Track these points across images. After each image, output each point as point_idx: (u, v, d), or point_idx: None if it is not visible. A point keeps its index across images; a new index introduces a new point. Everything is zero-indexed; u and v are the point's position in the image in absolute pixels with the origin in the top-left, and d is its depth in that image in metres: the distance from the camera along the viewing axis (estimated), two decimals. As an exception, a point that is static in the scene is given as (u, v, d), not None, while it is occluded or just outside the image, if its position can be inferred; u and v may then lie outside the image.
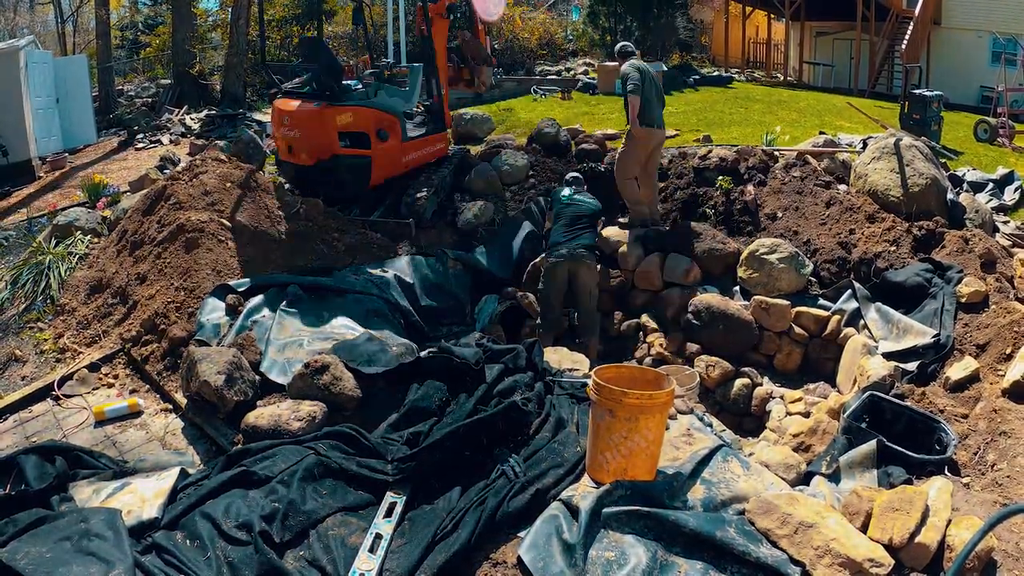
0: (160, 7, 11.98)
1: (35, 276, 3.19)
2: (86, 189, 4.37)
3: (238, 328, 2.63)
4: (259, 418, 2.10)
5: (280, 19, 9.40)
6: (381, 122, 3.61)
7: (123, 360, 2.67)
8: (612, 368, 1.97)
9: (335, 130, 3.43)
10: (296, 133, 3.51)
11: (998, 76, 7.32)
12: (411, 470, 1.85)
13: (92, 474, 1.93)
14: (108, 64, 8.07)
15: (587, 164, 4.23)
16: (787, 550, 1.62)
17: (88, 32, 11.36)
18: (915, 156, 3.68)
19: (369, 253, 3.45)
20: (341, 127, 3.44)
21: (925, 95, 5.32)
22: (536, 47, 10.75)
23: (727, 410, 3.15)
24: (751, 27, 12.26)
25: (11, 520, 1.65)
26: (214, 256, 2.96)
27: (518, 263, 3.71)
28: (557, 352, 2.76)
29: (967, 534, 1.61)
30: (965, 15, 9.11)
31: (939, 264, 3.11)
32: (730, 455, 1.99)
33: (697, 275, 3.60)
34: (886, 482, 1.99)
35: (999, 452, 2.07)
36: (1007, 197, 4.22)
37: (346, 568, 1.58)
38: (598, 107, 6.85)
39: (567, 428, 2.09)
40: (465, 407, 2.08)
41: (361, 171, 3.57)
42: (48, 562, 1.51)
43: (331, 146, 3.46)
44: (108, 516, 1.64)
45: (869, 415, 2.34)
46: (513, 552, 1.68)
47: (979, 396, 2.37)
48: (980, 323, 2.69)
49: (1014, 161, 5.11)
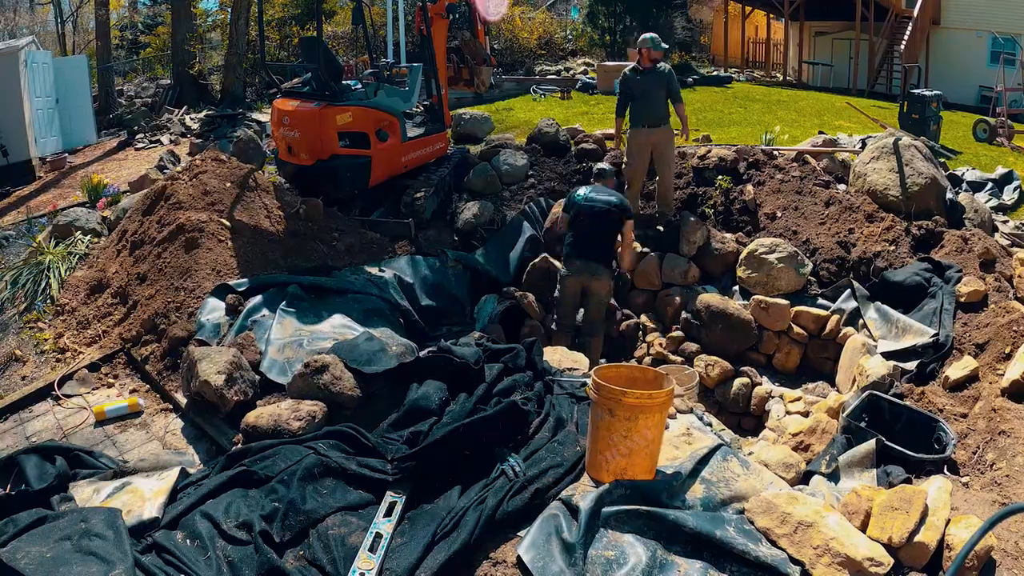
0: (159, 7, 11.98)
1: (35, 276, 3.20)
2: (86, 189, 4.37)
3: (238, 328, 2.63)
4: (259, 418, 2.10)
5: (279, 19, 9.41)
6: (380, 122, 3.62)
7: (123, 360, 2.67)
8: (612, 367, 1.97)
9: (335, 130, 3.44)
10: (296, 133, 3.51)
11: (997, 76, 7.34)
12: (411, 469, 1.85)
13: (92, 474, 1.94)
14: (108, 64, 8.07)
15: (587, 163, 4.24)
16: (786, 549, 1.62)
17: (88, 32, 11.36)
18: (914, 156, 3.69)
19: (369, 253, 3.45)
20: (340, 127, 3.44)
21: (924, 95, 5.33)
22: (535, 47, 10.76)
23: (726, 410, 3.16)
24: (750, 27, 12.26)
25: (11, 520, 1.65)
26: (214, 256, 2.97)
27: (519, 264, 3.72)
28: (557, 352, 2.76)
29: (966, 533, 1.61)
30: (964, 15, 9.12)
31: (938, 263, 3.11)
32: (729, 454, 1.99)
33: (696, 275, 3.61)
34: (885, 481, 1.99)
35: (998, 451, 2.08)
36: (1006, 196, 4.23)
37: (346, 567, 1.58)
38: (597, 107, 6.85)
39: (566, 427, 2.09)
40: (465, 407, 2.08)
41: (360, 171, 3.57)
42: (49, 562, 1.51)
43: (331, 146, 3.46)
44: (108, 516, 1.65)
45: (868, 414, 2.34)
46: (513, 551, 1.68)
47: (978, 395, 2.37)
48: (979, 322, 2.70)
49: (1013, 160, 5.11)
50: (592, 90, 8.10)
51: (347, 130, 3.46)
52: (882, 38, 9.56)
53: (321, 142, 3.45)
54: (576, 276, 3.08)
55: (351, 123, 3.46)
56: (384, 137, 3.60)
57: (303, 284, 2.96)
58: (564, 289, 3.15)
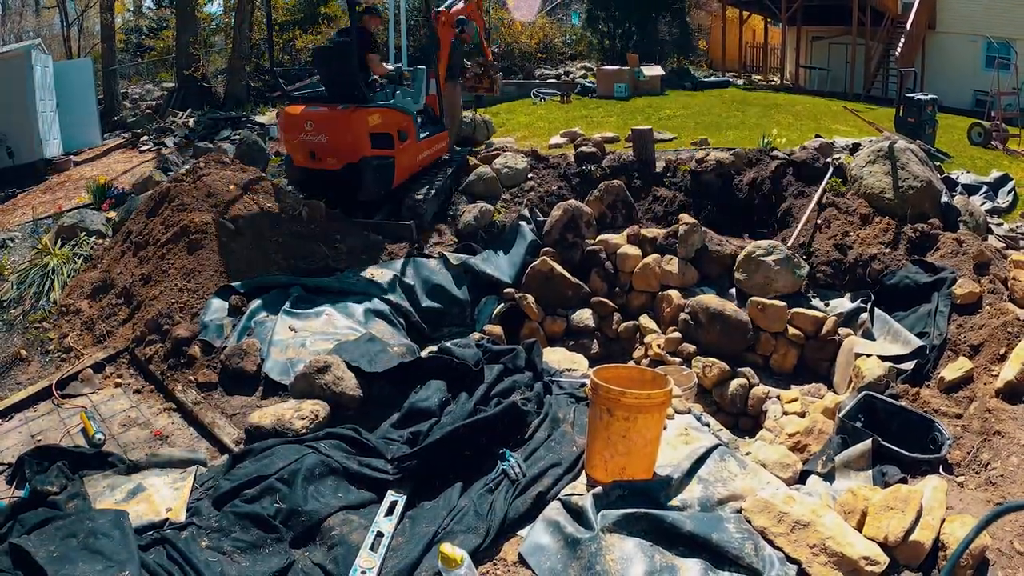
0: (164, 11, 12.06)
1: (40, 277, 3.22)
2: (91, 191, 4.40)
3: (241, 328, 2.66)
4: (262, 417, 2.12)
5: (282, 23, 9.48)
6: (401, 123, 3.65)
7: (127, 360, 2.70)
8: (610, 368, 1.99)
9: (367, 132, 3.42)
10: (323, 137, 3.45)
11: (992, 80, 7.40)
12: (412, 469, 1.87)
13: (106, 467, 1.95)
14: (112, 67, 8.13)
15: (588, 166, 4.28)
16: (783, 548, 1.64)
17: (93, 36, 11.42)
18: (910, 159, 3.72)
19: (370, 255, 3.47)
20: (371, 128, 3.42)
21: (920, 99, 5.38)
22: (535, 51, 10.83)
23: (724, 410, 3.17)
24: (748, 32, 12.34)
25: (18, 520, 1.67)
26: (217, 257, 2.99)
27: (519, 266, 3.75)
28: (556, 353, 2.78)
29: (961, 532, 1.63)
30: (959, 20, 9.18)
31: (933, 266, 3.13)
32: (727, 454, 2.01)
33: (694, 277, 3.64)
34: (881, 481, 2.01)
35: (993, 451, 2.09)
36: (1000, 200, 4.26)
37: (347, 565, 1.60)
38: (596, 110, 6.90)
39: (565, 427, 2.11)
40: (465, 407, 2.10)
41: (387, 171, 3.55)
42: (56, 560, 1.53)
43: (363, 148, 3.43)
44: (115, 517, 1.67)
45: (864, 415, 2.36)
46: (513, 550, 1.70)
47: (973, 396, 2.39)
48: (974, 324, 2.72)
49: (1007, 164, 5.16)
50: (592, 94, 8.16)
51: (376, 131, 3.45)
52: (878, 43, 9.63)
53: (354, 144, 3.41)
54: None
55: (380, 124, 3.43)
56: (404, 138, 3.63)
57: (305, 285, 2.99)
58: None
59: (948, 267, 3.05)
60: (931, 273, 3.08)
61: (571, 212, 3.85)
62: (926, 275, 3.08)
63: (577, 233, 3.84)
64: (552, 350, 2.85)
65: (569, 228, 3.83)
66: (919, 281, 3.06)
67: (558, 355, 2.75)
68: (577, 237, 3.83)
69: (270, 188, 3.57)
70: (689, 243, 3.70)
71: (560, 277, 3.63)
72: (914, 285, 3.07)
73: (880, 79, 9.83)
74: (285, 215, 3.41)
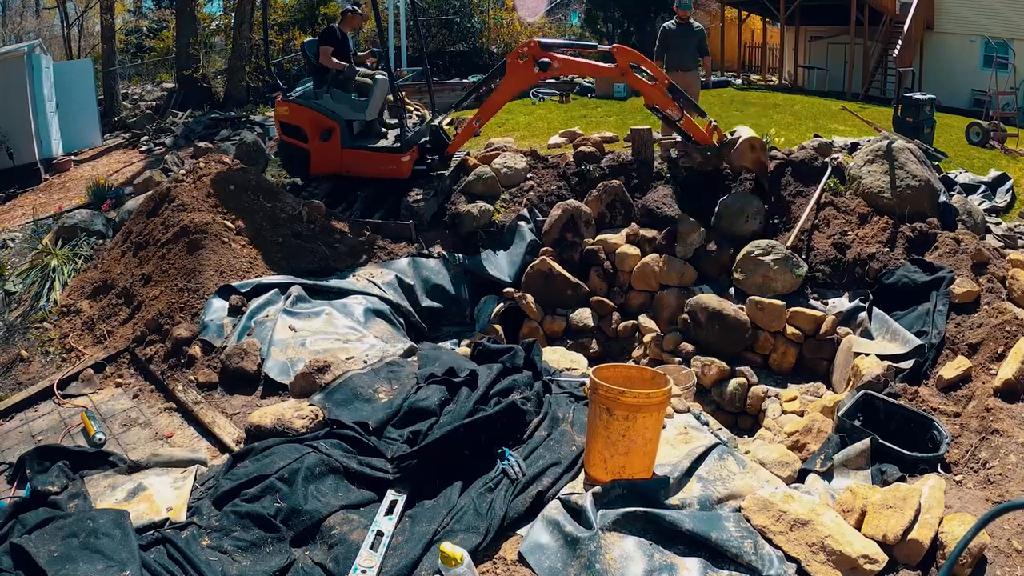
0: (164, 11, 12.07)
1: (41, 277, 3.23)
2: (91, 191, 4.40)
3: (241, 328, 2.66)
4: (262, 417, 2.13)
5: (281, 23, 9.49)
6: (321, 123, 3.95)
7: (127, 360, 2.70)
8: (610, 367, 2.00)
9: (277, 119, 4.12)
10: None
11: (990, 80, 7.41)
12: (411, 468, 1.87)
13: (107, 466, 1.95)
14: (112, 68, 8.12)
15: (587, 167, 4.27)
16: (782, 547, 1.65)
17: (93, 36, 11.43)
18: (908, 159, 3.72)
19: (370, 254, 3.49)
20: (279, 117, 4.05)
21: (918, 98, 5.37)
22: (535, 51, 10.81)
23: (723, 409, 3.18)
24: (747, 31, 12.36)
25: (18, 520, 1.67)
26: (217, 257, 3.00)
27: (518, 266, 3.76)
28: (555, 352, 2.79)
29: (960, 531, 1.63)
30: (957, 20, 9.20)
31: (931, 265, 3.14)
32: (726, 453, 2.02)
33: (693, 276, 3.65)
34: (880, 480, 2.01)
35: (991, 450, 2.10)
36: (999, 199, 4.26)
37: (348, 564, 1.61)
38: (595, 110, 6.90)
39: (564, 426, 2.12)
40: (465, 406, 2.10)
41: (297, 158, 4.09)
42: (56, 560, 1.53)
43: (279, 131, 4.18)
44: (116, 516, 1.67)
45: (863, 413, 2.37)
46: (513, 549, 1.70)
47: (971, 395, 2.40)
48: (972, 323, 2.73)
49: (1006, 163, 5.16)
50: (591, 94, 8.17)
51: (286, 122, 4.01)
52: (876, 43, 9.63)
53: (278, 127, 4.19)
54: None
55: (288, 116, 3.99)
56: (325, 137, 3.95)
57: (305, 285, 2.99)
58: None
59: (946, 266, 3.06)
60: (929, 272, 3.08)
61: (570, 212, 3.86)
62: (924, 274, 3.09)
63: (576, 233, 3.85)
64: (551, 349, 2.85)
65: (568, 228, 3.84)
66: (917, 280, 3.07)
67: (557, 354, 2.75)
68: (576, 237, 3.85)
69: (270, 188, 3.58)
70: (688, 242, 3.71)
71: (559, 276, 3.64)
72: (912, 284, 3.07)
73: (878, 79, 9.83)
74: (285, 215, 3.42)
